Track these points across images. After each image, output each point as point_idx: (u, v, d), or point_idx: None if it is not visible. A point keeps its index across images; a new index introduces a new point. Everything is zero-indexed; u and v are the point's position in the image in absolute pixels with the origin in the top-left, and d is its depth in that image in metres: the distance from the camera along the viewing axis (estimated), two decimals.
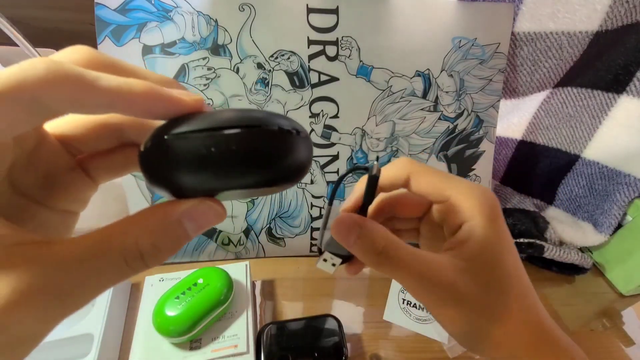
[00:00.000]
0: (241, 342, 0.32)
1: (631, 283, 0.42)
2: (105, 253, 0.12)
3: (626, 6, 0.37)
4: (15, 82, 0.11)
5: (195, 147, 0.12)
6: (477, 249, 0.19)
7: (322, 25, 0.37)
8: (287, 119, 0.14)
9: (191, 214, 0.13)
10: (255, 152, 0.13)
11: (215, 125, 0.13)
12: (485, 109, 0.44)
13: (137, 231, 0.13)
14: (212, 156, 0.12)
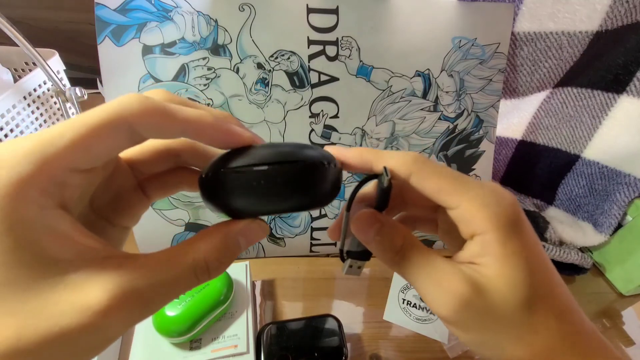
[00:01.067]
0: (241, 342, 0.32)
1: (631, 283, 0.42)
2: (180, 267, 0.15)
3: (626, 6, 0.37)
4: (116, 113, 0.13)
5: (245, 181, 0.16)
6: (494, 268, 0.17)
7: (322, 25, 0.37)
8: (319, 150, 0.17)
9: (245, 232, 0.17)
10: (293, 183, 0.16)
11: (262, 161, 0.16)
12: (485, 109, 0.44)
13: (204, 249, 0.15)
14: (259, 187, 0.16)
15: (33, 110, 0.48)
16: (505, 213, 0.18)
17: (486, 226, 0.18)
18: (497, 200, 0.18)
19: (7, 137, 0.43)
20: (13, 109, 0.44)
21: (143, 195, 0.20)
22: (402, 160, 0.19)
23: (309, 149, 0.17)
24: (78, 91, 0.45)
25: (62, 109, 0.47)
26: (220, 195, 0.16)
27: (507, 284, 0.17)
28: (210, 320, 0.32)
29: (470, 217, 0.18)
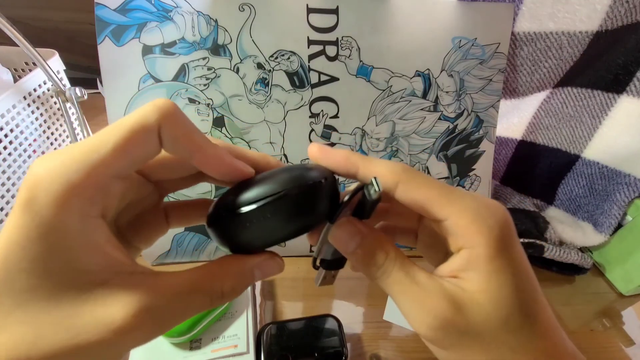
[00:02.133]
0: (241, 342, 0.32)
1: (631, 283, 0.42)
2: (198, 291, 0.15)
3: (626, 6, 0.37)
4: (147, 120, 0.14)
5: (243, 225, 0.16)
6: (478, 284, 0.17)
7: (322, 25, 0.37)
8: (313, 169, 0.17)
9: (260, 266, 0.17)
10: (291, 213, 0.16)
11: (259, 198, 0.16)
12: (485, 109, 0.44)
13: (222, 277, 0.16)
14: (256, 227, 0.16)
15: (33, 110, 0.48)
16: (498, 228, 0.17)
17: (476, 241, 0.17)
18: (490, 214, 0.17)
19: (7, 137, 0.43)
20: (13, 109, 0.44)
21: (164, 220, 0.20)
22: (390, 169, 0.18)
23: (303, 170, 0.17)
24: (78, 91, 0.45)
25: (62, 109, 0.47)
26: (226, 237, 0.17)
27: (491, 300, 0.17)
28: (210, 320, 0.32)
29: (460, 230, 0.17)
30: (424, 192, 0.17)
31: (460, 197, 0.17)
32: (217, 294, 0.16)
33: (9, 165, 0.44)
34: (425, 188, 0.18)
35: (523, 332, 0.17)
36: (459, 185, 0.46)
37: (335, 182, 0.18)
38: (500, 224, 0.17)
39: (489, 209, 0.17)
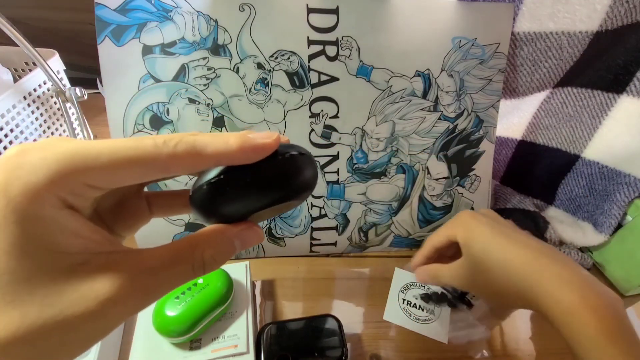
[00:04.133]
0: (241, 342, 0.32)
1: (631, 283, 0.42)
2: (180, 261, 0.15)
3: (626, 6, 0.37)
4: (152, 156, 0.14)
5: (217, 193, 0.16)
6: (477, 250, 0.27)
7: (322, 25, 0.37)
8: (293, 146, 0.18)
9: (240, 236, 0.17)
10: (270, 177, 0.17)
11: (227, 169, 0.16)
12: (485, 109, 0.44)
13: (202, 246, 0.16)
14: (229, 194, 0.16)
15: (33, 110, 0.48)
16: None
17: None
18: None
19: (7, 137, 0.43)
20: (13, 108, 0.44)
21: (147, 208, 0.20)
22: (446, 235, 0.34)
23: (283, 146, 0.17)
24: (78, 91, 0.45)
25: (62, 108, 0.47)
26: (207, 208, 0.17)
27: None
28: (210, 320, 0.32)
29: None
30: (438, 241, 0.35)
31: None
32: (198, 263, 0.16)
33: None
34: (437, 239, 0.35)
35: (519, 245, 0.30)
36: (459, 186, 0.46)
37: (307, 158, 0.18)
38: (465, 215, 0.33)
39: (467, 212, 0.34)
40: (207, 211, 0.17)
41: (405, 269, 0.44)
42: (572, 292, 0.25)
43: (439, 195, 0.45)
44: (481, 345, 0.37)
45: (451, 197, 0.46)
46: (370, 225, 0.45)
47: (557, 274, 0.26)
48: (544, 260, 0.27)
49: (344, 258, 0.46)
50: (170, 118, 0.37)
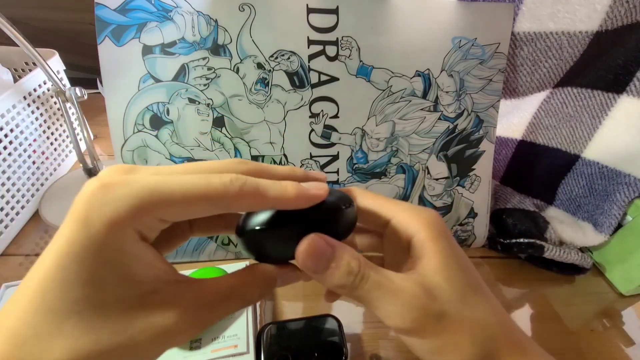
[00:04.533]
0: (241, 342, 0.32)
1: (631, 283, 0.42)
2: (234, 297, 0.18)
3: (626, 6, 0.37)
4: (216, 195, 0.16)
5: (266, 239, 0.19)
6: (432, 265, 0.19)
7: (322, 25, 0.37)
8: (336, 194, 0.21)
9: (284, 277, 0.21)
10: (319, 225, 0.19)
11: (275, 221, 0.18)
12: (485, 109, 0.44)
13: (253, 284, 0.19)
14: (289, 238, 0.18)
15: (33, 110, 0.48)
16: (432, 218, 0.21)
17: (419, 227, 0.20)
18: (424, 210, 0.21)
19: (7, 137, 0.43)
20: (13, 109, 0.44)
21: (188, 228, 0.21)
22: (345, 190, 0.23)
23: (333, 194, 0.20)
24: (78, 91, 0.45)
25: (62, 109, 0.47)
26: (252, 248, 0.20)
27: (446, 280, 0.19)
28: None
29: (405, 223, 0.21)
30: (372, 201, 0.22)
31: (400, 202, 0.22)
32: (248, 300, 0.18)
33: (9, 165, 0.44)
34: (373, 199, 0.22)
35: (479, 307, 0.19)
36: (459, 186, 0.46)
37: (351, 210, 0.20)
38: (433, 216, 0.21)
39: (422, 208, 0.21)
40: (259, 252, 0.20)
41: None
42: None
43: (439, 195, 0.45)
44: None
45: (451, 197, 0.46)
46: None
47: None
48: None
49: None
50: (170, 118, 0.37)
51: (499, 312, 0.20)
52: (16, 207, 0.45)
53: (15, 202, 0.45)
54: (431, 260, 0.19)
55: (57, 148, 0.53)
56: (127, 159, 0.37)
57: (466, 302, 0.19)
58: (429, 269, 0.19)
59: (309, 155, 0.41)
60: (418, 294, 0.18)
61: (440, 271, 0.19)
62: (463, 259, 0.20)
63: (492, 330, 0.19)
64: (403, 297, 0.18)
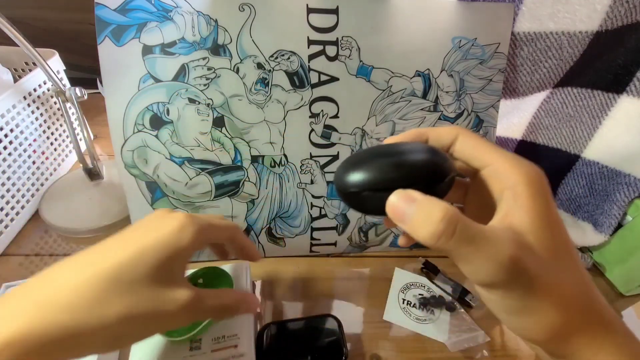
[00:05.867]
0: (241, 342, 0.32)
1: (631, 283, 0.42)
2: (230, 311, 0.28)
3: (626, 6, 0.37)
4: (235, 228, 0.30)
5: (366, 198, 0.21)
6: (526, 224, 0.18)
7: (322, 25, 0.37)
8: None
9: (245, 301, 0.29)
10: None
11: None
12: (485, 109, 0.44)
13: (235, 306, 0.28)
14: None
15: (33, 110, 0.48)
16: (534, 173, 0.19)
17: (517, 179, 0.19)
18: (527, 163, 0.20)
19: (7, 137, 0.43)
20: (13, 109, 0.44)
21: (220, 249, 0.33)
22: (450, 127, 0.23)
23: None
24: (78, 91, 0.45)
25: (62, 109, 0.47)
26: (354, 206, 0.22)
27: (538, 240, 0.18)
28: (211, 321, 0.32)
29: (503, 171, 0.20)
30: (476, 142, 0.21)
31: (501, 150, 0.21)
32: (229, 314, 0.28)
33: (9, 165, 0.44)
34: (477, 140, 0.22)
35: (568, 275, 0.18)
36: None
37: (451, 180, 0.22)
38: (536, 171, 0.19)
39: (524, 160, 0.20)
40: (360, 209, 0.23)
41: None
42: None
43: None
44: (481, 346, 0.37)
45: None
46: (371, 225, 0.45)
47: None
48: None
49: (344, 258, 0.46)
50: (170, 118, 0.37)
51: (586, 283, 0.19)
52: (16, 207, 0.45)
53: (15, 202, 0.45)
54: (526, 218, 0.18)
55: (57, 148, 0.53)
56: (127, 159, 0.37)
57: (557, 267, 0.18)
58: (523, 227, 0.18)
59: (309, 155, 0.41)
60: (512, 252, 0.17)
61: (535, 231, 0.18)
62: (558, 223, 0.19)
63: (577, 300, 0.18)
64: (496, 249, 0.17)
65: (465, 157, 0.22)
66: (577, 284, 0.19)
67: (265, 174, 0.40)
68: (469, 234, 0.17)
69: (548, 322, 0.18)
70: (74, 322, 0.20)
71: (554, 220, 0.19)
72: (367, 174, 0.20)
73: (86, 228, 0.45)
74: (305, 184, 0.42)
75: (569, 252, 0.19)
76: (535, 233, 0.18)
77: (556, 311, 0.18)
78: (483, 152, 0.21)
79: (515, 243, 0.18)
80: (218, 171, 0.39)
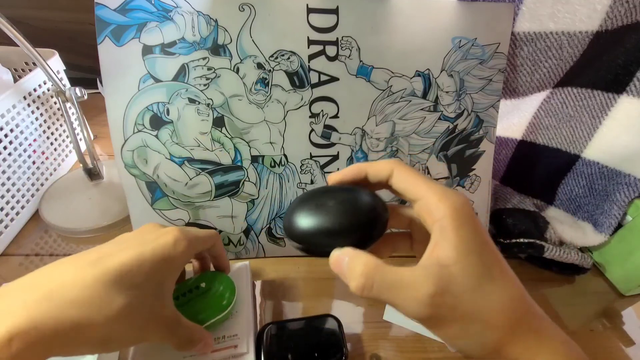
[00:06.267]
0: (241, 342, 0.32)
1: (631, 283, 0.42)
2: (192, 344, 0.29)
3: (626, 6, 0.37)
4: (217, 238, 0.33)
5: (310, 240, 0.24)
6: (451, 256, 0.20)
7: (322, 25, 0.37)
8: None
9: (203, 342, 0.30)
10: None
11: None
12: (485, 109, 0.44)
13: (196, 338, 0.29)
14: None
15: (33, 110, 0.48)
16: (460, 204, 0.21)
17: (443, 212, 0.21)
18: (453, 194, 0.22)
19: (7, 137, 0.43)
20: (13, 109, 0.44)
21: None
22: (387, 161, 0.24)
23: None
24: (78, 91, 0.45)
25: (62, 109, 0.47)
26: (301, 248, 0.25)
27: (462, 270, 0.20)
28: (220, 318, 0.32)
29: (431, 205, 0.21)
30: (408, 177, 0.23)
31: (433, 182, 0.23)
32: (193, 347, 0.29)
33: (9, 165, 0.44)
34: (409, 174, 0.23)
35: (495, 295, 0.20)
36: (459, 186, 0.46)
37: (385, 218, 0.25)
38: (460, 201, 0.21)
39: (453, 192, 0.22)
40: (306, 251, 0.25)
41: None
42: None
43: None
44: None
45: None
46: None
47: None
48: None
49: None
50: (170, 118, 0.37)
51: (516, 298, 0.21)
52: (16, 207, 0.45)
53: (15, 202, 0.45)
54: (451, 250, 0.20)
55: (57, 148, 0.53)
56: (127, 159, 0.37)
57: (482, 290, 0.20)
58: (448, 259, 0.20)
59: (309, 155, 0.41)
60: (430, 290, 0.19)
61: (459, 261, 0.20)
62: (484, 246, 0.21)
63: (506, 316, 0.20)
64: (415, 295, 0.20)
65: (401, 191, 0.24)
66: (504, 302, 0.20)
67: (265, 174, 0.40)
68: (388, 283, 0.20)
69: (479, 341, 0.20)
70: (80, 316, 0.21)
71: (479, 247, 0.21)
72: (311, 233, 0.23)
73: (86, 228, 0.45)
74: (305, 184, 0.42)
75: (497, 273, 0.21)
76: (459, 263, 0.20)
77: (485, 331, 0.20)
78: (414, 186, 0.23)
79: (436, 279, 0.20)
80: (218, 171, 0.39)
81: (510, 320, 0.20)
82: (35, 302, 0.20)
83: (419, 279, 0.20)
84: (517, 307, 0.21)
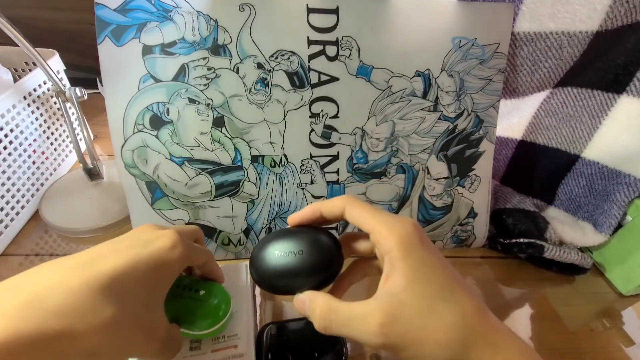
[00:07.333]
0: (241, 342, 0.32)
1: (631, 283, 0.42)
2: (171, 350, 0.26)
3: (626, 6, 0.37)
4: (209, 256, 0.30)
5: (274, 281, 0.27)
6: (400, 284, 0.22)
7: (322, 25, 0.37)
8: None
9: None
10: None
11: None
12: (485, 109, 0.44)
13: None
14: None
15: (33, 110, 0.48)
16: (405, 234, 0.22)
17: (391, 244, 0.22)
18: (399, 226, 0.23)
19: (7, 137, 0.43)
20: (13, 109, 0.44)
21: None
22: (340, 198, 0.26)
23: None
24: (78, 91, 0.45)
25: (62, 109, 0.47)
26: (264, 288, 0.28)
27: (411, 296, 0.21)
28: (229, 318, 0.31)
29: (381, 239, 0.23)
30: (359, 211, 0.25)
31: (381, 214, 0.24)
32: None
33: (9, 165, 0.44)
34: (360, 209, 0.25)
35: (447, 315, 0.21)
36: (459, 186, 0.46)
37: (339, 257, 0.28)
38: (406, 230, 0.23)
39: (399, 221, 0.23)
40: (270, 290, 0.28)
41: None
42: None
43: (439, 195, 0.45)
44: None
45: (451, 197, 0.46)
46: None
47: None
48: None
49: None
50: (170, 118, 0.37)
51: (468, 314, 0.22)
52: (16, 207, 0.45)
53: (15, 202, 0.45)
54: (400, 279, 0.22)
55: (57, 148, 0.53)
56: (127, 159, 0.37)
57: (432, 312, 0.21)
58: (397, 287, 0.22)
59: (309, 155, 0.41)
60: (380, 320, 0.21)
61: (407, 288, 0.22)
62: (434, 269, 0.22)
63: (458, 334, 0.21)
64: (366, 327, 0.21)
65: (355, 224, 0.25)
66: (456, 321, 0.21)
67: (265, 174, 0.40)
68: (342, 320, 0.22)
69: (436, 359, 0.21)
70: (63, 326, 0.19)
71: (429, 271, 0.22)
72: (273, 278, 0.26)
73: (86, 228, 0.45)
74: (305, 184, 0.42)
75: (446, 295, 0.22)
76: (408, 289, 0.21)
77: (437, 351, 0.21)
78: (365, 221, 0.24)
79: (385, 309, 0.21)
80: (218, 171, 0.39)
81: (464, 337, 0.21)
82: (15, 309, 0.18)
83: (370, 311, 0.22)
84: (470, 323, 0.21)
